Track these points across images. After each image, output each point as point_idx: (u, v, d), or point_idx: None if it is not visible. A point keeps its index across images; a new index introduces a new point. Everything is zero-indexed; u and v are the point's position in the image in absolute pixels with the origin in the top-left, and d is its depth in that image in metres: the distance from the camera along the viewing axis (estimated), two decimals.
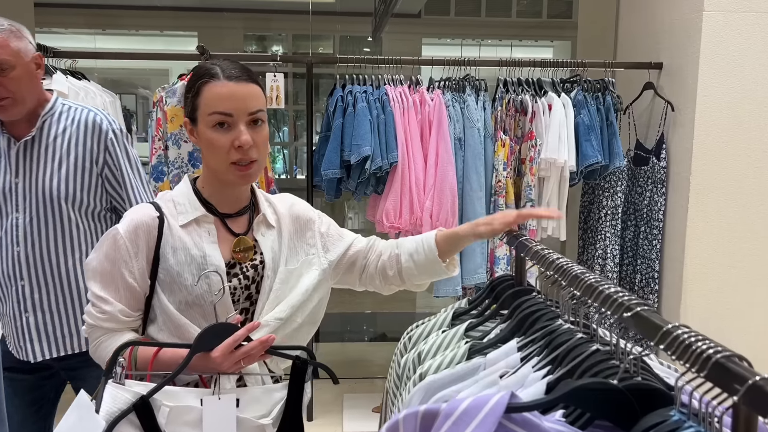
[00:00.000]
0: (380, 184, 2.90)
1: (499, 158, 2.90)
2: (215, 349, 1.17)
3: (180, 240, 1.29)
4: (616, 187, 3.01)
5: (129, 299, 1.29)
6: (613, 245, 3.02)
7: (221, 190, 1.34)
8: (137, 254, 1.28)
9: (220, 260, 1.30)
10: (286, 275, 1.36)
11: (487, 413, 0.67)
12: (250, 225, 1.37)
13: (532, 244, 1.03)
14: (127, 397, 1.12)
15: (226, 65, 1.28)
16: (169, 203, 1.34)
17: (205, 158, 1.31)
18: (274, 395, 1.26)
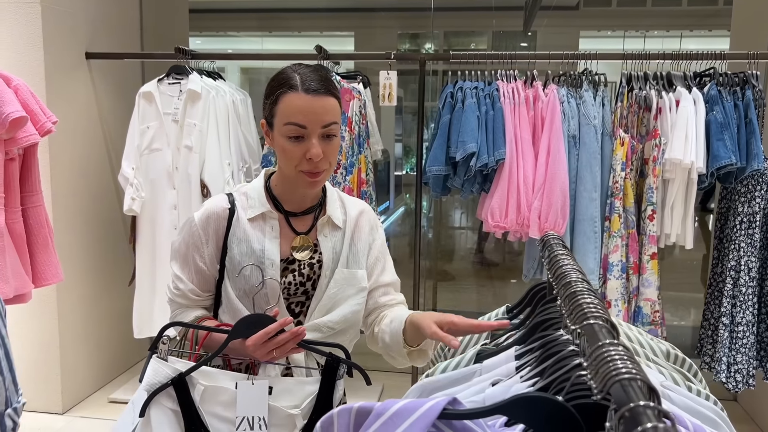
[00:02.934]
0: (487, 182, 2.85)
1: (617, 157, 2.72)
2: (249, 338, 1.22)
3: (245, 232, 1.37)
4: (755, 192, 2.69)
5: (200, 281, 1.40)
6: (748, 257, 2.71)
7: (290, 190, 1.40)
8: (208, 241, 1.38)
9: (276, 255, 1.36)
10: (346, 276, 1.40)
11: (418, 417, 0.66)
12: (314, 224, 1.42)
13: (557, 249, 0.98)
14: (167, 372, 1.21)
15: (307, 76, 1.30)
16: (243, 196, 1.42)
17: (279, 161, 1.37)
18: (306, 388, 1.29)
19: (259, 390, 1.24)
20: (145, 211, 3.05)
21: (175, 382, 1.21)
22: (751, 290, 2.72)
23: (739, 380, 2.72)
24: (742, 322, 2.71)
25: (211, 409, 1.22)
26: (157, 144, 3.02)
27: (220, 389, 1.23)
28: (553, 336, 0.86)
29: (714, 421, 0.74)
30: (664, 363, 0.90)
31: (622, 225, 2.73)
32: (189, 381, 1.22)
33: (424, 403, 0.66)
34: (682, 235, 2.74)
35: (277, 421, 1.24)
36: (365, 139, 2.96)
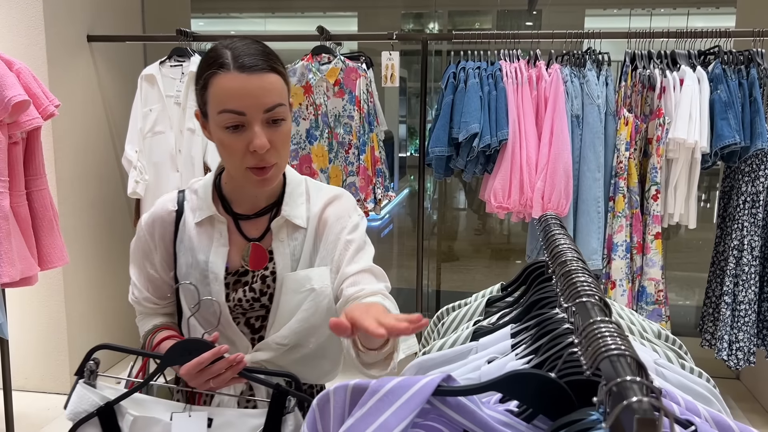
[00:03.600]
0: (490, 163, 2.85)
1: (621, 137, 2.71)
2: (183, 367, 1.06)
3: (190, 240, 1.20)
4: (758, 171, 2.68)
5: (154, 290, 1.25)
6: (751, 236, 2.70)
7: (239, 189, 1.20)
8: (155, 247, 1.22)
9: (221, 268, 1.18)
10: (294, 282, 1.18)
11: (413, 394, 0.67)
12: (268, 228, 1.20)
13: (555, 229, 0.98)
14: (94, 400, 1.07)
15: (240, 50, 1.07)
16: (193, 194, 1.23)
17: (220, 157, 1.16)
18: (249, 422, 1.11)
19: (196, 423, 1.09)
20: (149, 194, 3.06)
21: (101, 412, 1.06)
22: (753, 269, 2.72)
23: (741, 358, 2.73)
24: (744, 301, 2.72)
25: None
26: (160, 127, 3.02)
27: (152, 420, 1.09)
28: (548, 314, 0.87)
29: (706, 398, 0.74)
30: (657, 342, 0.90)
31: (626, 205, 2.73)
32: (117, 410, 1.08)
33: (419, 380, 0.67)
34: (686, 214, 2.74)
35: None
36: (374, 116, 2.95)
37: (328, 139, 2.94)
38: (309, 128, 2.93)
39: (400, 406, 0.67)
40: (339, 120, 2.93)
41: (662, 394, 0.49)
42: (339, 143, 2.94)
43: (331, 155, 2.96)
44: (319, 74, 2.90)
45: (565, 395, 0.64)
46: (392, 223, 5.51)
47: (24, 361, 3.13)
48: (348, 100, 2.90)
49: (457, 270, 5.08)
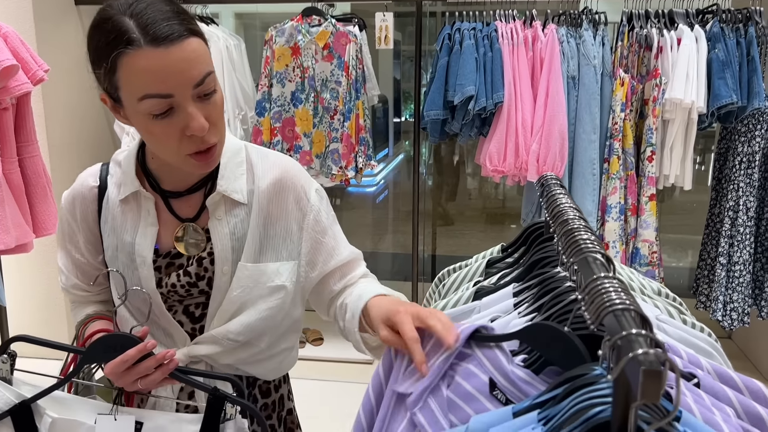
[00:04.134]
0: (485, 126, 2.83)
1: (616, 98, 2.69)
2: (107, 365, 0.95)
3: (114, 219, 1.07)
4: (755, 131, 2.67)
5: (82, 275, 1.13)
6: (746, 197, 2.71)
7: (168, 165, 1.04)
8: (79, 228, 1.09)
9: (149, 252, 1.04)
10: (251, 273, 1.06)
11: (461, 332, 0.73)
12: (203, 205, 1.06)
13: (555, 189, 0.98)
14: (8, 398, 0.95)
15: (146, 16, 0.87)
16: (118, 167, 1.08)
17: (148, 144, 1.02)
18: (185, 427, 0.99)
19: (122, 427, 0.98)
20: None
21: (15, 411, 0.94)
22: (748, 230, 2.74)
23: (735, 318, 2.77)
24: (739, 261, 2.74)
25: None
26: None
27: (74, 423, 0.97)
28: (550, 273, 0.87)
29: (708, 351, 0.75)
30: (657, 298, 0.91)
31: (621, 167, 2.73)
32: (35, 410, 0.96)
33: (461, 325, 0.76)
34: (681, 176, 2.74)
35: None
36: (362, 84, 2.92)
37: (313, 103, 2.91)
38: (294, 91, 2.89)
39: None
40: (326, 84, 2.89)
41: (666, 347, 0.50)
42: (324, 108, 2.91)
43: (315, 120, 2.93)
44: (309, 36, 2.85)
45: (576, 349, 0.65)
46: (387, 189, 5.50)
47: (21, 328, 3.14)
48: (336, 65, 2.85)
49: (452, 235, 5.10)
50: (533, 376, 0.72)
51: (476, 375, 0.75)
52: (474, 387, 0.74)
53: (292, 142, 2.94)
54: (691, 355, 0.66)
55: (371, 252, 5.04)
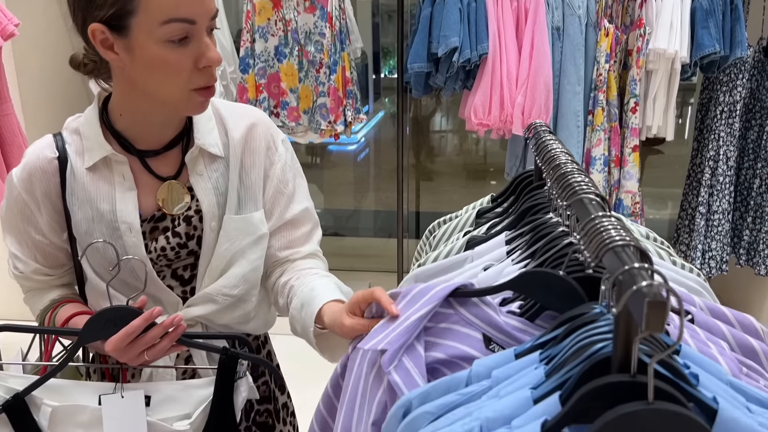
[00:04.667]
0: (470, 79, 2.80)
1: (601, 49, 2.67)
2: (108, 341, 0.91)
3: (84, 189, 1.00)
4: (737, 80, 2.68)
5: (44, 258, 1.05)
6: (727, 146, 2.74)
7: (145, 119, 1.00)
8: (38, 207, 1.01)
9: (134, 215, 1.00)
10: (238, 225, 1.05)
11: (436, 292, 0.72)
12: (183, 162, 1.04)
13: (545, 135, 0.97)
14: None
15: None
16: (75, 135, 1.02)
17: (145, 84, 0.94)
18: (195, 393, 0.98)
19: (132, 403, 0.94)
20: None
21: (9, 407, 0.89)
22: (728, 179, 2.77)
23: (713, 266, 2.83)
24: (718, 211, 2.78)
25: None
26: None
27: (76, 409, 0.92)
28: (542, 219, 0.87)
29: (698, 290, 0.77)
30: (646, 241, 0.92)
31: (605, 118, 2.73)
32: (30, 402, 0.90)
33: (440, 283, 0.73)
34: (664, 126, 2.75)
35: None
36: (347, 35, 2.86)
37: (297, 57, 2.85)
38: (278, 45, 2.82)
39: (422, 304, 0.72)
40: (310, 37, 2.82)
41: None
42: (309, 62, 2.85)
43: (300, 74, 2.87)
44: None
45: (574, 292, 0.66)
46: (368, 147, 5.47)
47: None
48: (319, 16, 2.79)
49: (434, 191, 5.10)
50: (527, 323, 0.73)
51: (467, 335, 0.73)
52: (468, 346, 0.73)
53: (279, 99, 2.89)
54: (684, 294, 0.67)
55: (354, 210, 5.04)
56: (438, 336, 0.75)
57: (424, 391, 0.64)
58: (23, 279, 1.08)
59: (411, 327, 0.72)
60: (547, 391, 0.55)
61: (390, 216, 5.10)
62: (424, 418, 0.62)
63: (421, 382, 0.71)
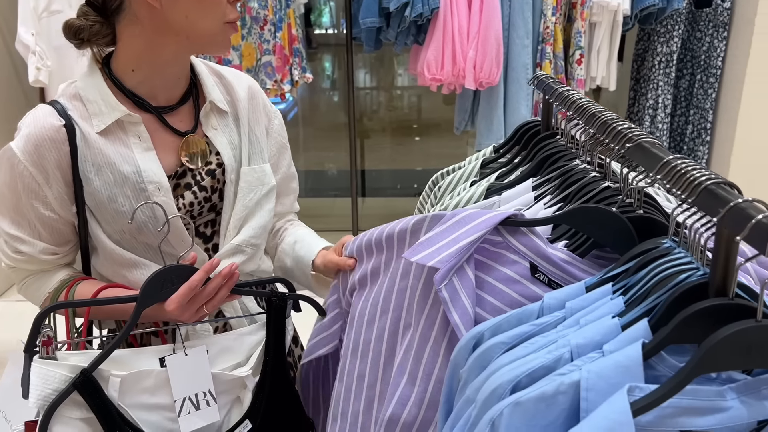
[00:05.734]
0: (421, 34, 2.81)
1: (547, 2, 2.74)
2: (169, 300, 0.91)
3: (102, 153, 0.97)
4: (673, 32, 2.83)
5: (51, 234, 1.01)
6: (665, 95, 2.90)
7: (162, 72, 1.00)
8: (47, 180, 0.96)
9: (161, 175, 0.99)
10: (256, 175, 1.09)
11: (485, 219, 0.75)
12: (196, 117, 1.05)
13: (559, 86, 1.01)
14: (62, 374, 0.87)
15: None
16: (76, 101, 0.98)
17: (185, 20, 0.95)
18: (247, 340, 1.01)
19: (196, 359, 0.96)
20: (54, 83, 2.79)
21: (80, 384, 0.87)
22: (665, 126, 2.94)
23: None
24: None
25: (135, 400, 0.92)
26: (57, 5, 2.71)
27: (142, 374, 0.92)
28: (570, 165, 0.91)
29: None
30: None
31: (553, 71, 2.82)
32: (98, 376, 0.89)
33: (489, 211, 0.76)
34: (607, 77, 2.87)
35: (222, 388, 0.98)
36: None
37: (240, 13, 2.76)
38: None
39: (472, 227, 0.76)
40: None
41: None
42: (253, 18, 2.77)
43: (243, 31, 2.79)
44: None
45: (626, 230, 0.70)
46: (297, 106, 5.39)
47: None
48: None
49: (373, 149, 5.12)
50: (574, 257, 0.78)
51: (515, 261, 0.79)
52: (515, 272, 0.79)
53: (220, 57, 2.80)
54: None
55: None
56: (487, 258, 0.80)
57: (496, 323, 0.68)
58: (26, 262, 1.02)
59: (462, 250, 0.76)
60: (634, 318, 0.60)
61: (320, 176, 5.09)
62: (498, 348, 0.66)
63: (468, 304, 0.77)
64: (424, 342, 0.84)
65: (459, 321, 0.77)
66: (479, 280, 0.79)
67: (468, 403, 0.67)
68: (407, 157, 5.05)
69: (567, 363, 0.60)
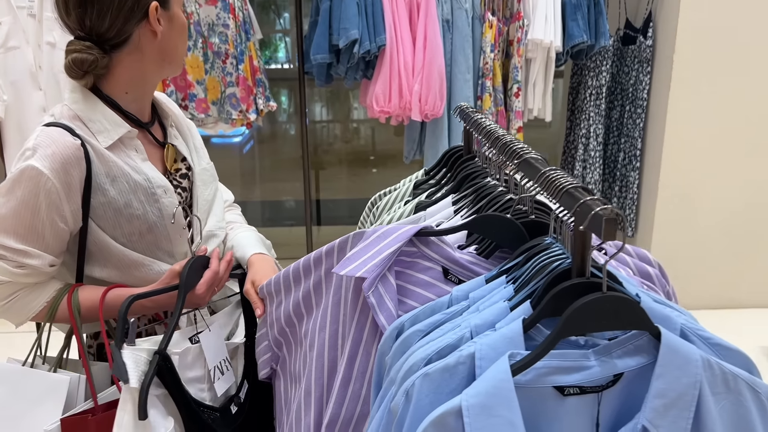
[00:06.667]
0: (370, 69, 2.97)
1: (486, 40, 2.94)
2: (199, 284, 1.12)
3: (116, 165, 1.10)
4: (602, 66, 3.06)
5: (57, 246, 1.09)
6: (596, 125, 3.12)
7: (147, 93, 1.18)
8: (69, 195, 1.06)
9: (165, 180, 1.16)
10: (205, 175, 1.28)
11: (401, 233, 0.86)
12: (163, 130, 1.24)
13: (475, 115, 1.16)
14: (145, 357, 0.99)
15: None
16: (78, 122, 1.10)
17: (174, 45, 1.15)
18: (234, 314, 1.24)
19: (217, 333, 1.16)
20: (10, 116, 2.85)
21: (161, 362, 1.00)
22: (597, 154, 3.15)
23: None
24: (591, 182, 3.16)
25: (184, 374, 1.06)
26: (14, 41, 2.78)
27: (186, 351, 1.07)
28: (482, 183, 1.06)
29: None
30: None
31: (493, 103, 3.01)
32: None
33: (406, 226, 0.85)
34: (543, 109, 3.07)
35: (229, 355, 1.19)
36: (250, 25, 2.92)
37: (202, 49, 2.88)
38: None
39: (391, 240, 0.87)
40: (213, 29, 2.86)
41: None
42: (215, 53, 2.90)
43: (206, 66, 2.91)
44: None
45: (520, 231, 0.84)
46: (252, 138, 5.50)
47: None
48: (221, 7, 2.83)
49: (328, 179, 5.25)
50: (479, 258, 0.91)
51: (429, 267, 0.91)
52: (430, 276, 0.91)
53: (186, 91, 2.90)
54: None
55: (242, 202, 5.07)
56: (405, 267, 0.91)
57: (414, 314, 0.80)
58: (27, 276, 1.08)
59: (384, 260, 0.87)
60: (519, 301, 0.73)
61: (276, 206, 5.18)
62: (416, 335, 0.78)
63: (392, 307, 0.88)
64: (357, 345, 0.95)
65: (385, 323, 0.88)
66: (400, 286, 0.90)
67: (392, 383, 0.78)
68: (362, 187, 5.19)
69: (468, 341, 0.73)
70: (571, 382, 0.66)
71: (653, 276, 0.93)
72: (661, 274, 0.95)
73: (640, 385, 0.67)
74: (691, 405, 0.65)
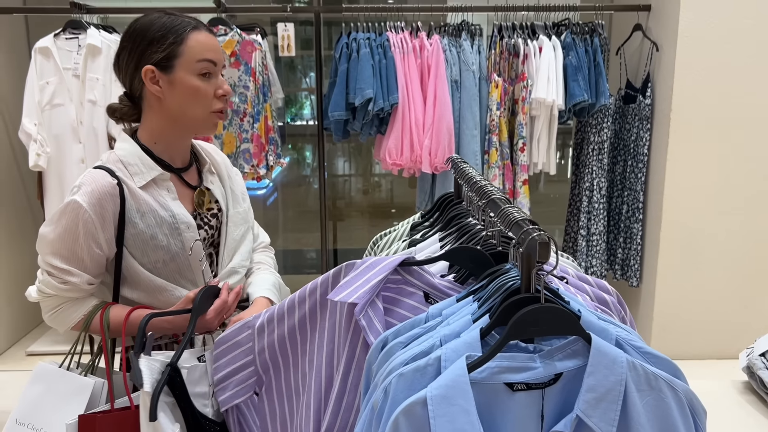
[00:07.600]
0: (383, 125, 3.18)
1: (492, 98, 3.14)
2: (209, 310, 1.28)
3: (145, 203, 1.29)
4: (603, 124, 3.23)
5: (95, 268, 1.28)
6: (599, 178, 3.26)
7: (176, 144, 1.35)
8: (103, 225, 1.25)
9: (189, 217, 1.34)
10: (240, 214, 1.46)
11: (387, 263, 1.00)
12: (200, 175, 1.43)
13: (462, 165, 1.32)
14: (159, 367, 1.12)
15: (194, 19, 1.31)
16: (118, 164, 1.29)
17: (180, 108, 1.29)
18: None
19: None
20: (52, 167, 3.09)
21: (172, 372, 1.13)
22: (601, 206, 3.29)
23: None
24: (596, 232, 3.29)
25: (191, 389, 1.18)
26: (59, 99, 3.05)
27: (194, 368, 1.20)
28: (464, 222, 1.21)
29: (572, 265, 1.12)
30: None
31: (499, 157, 3.18)
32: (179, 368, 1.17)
33: (391, 257, 1.00)
34: (547, 163, 3.24)
35: None
36: (269, 88, 3.17)
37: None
38: None
39: (379, 269, 1.01)
40: (234, 89, 3.11)
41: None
42: (234, 111, 3.14)
43: (225, 122, 3.14)
44: None
45: (487, 260, 0.99)
46: (276, 191, 5.72)
47: None
48: (244, 71, 3.09)
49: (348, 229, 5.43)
50: (455, 284, 1.05)
51: (412, 292, 1.05)
52: (413, 300, 1.05)
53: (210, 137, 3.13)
54: (562, 266, 1.02)
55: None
56: (391, 292, 1.05)
57: (396, 329, 0.95)
58: (69, 291, 1.27)
59: (373, 287, 1.00)
60: (480, 314, 0.87)
61: (299, 254, 5.36)
62: (397, 347, 0.92)
63: (380, 328, 1.01)
64: (350, 361, 1.08)
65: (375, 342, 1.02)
66: (387, 309, 1.04)
67: (376, 386, 0.92)
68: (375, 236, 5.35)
69: (437, 348, 0.87)
70: (519, 379, 0.80)
71: (609, 302, 1.07)
72: (618, 303, 1.09)
73: (576, 383, 0.80)
74: (618, 399, 0.78)
